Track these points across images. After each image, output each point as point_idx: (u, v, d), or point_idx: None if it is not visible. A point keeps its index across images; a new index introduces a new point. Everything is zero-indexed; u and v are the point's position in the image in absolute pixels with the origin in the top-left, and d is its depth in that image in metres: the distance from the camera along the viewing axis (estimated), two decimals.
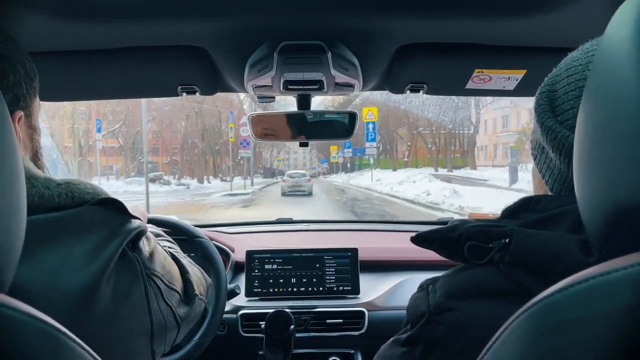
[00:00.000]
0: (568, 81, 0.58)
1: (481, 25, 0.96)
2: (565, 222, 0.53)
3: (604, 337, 0.32)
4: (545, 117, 0.58)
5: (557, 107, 0.58)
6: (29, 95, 0.68)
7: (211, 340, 1.28)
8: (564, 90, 0.58)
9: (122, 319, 0.62)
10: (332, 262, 1.62)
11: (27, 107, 0.68)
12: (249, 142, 24.07)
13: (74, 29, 0.93)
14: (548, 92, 0.60)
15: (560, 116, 0.57)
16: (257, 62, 1.01)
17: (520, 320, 0.39)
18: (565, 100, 0.57)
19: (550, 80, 0.61)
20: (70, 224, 0.60)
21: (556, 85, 0.60)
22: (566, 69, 0.59)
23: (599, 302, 0.33)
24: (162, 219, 1.36)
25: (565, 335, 0.34)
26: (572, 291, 0.35)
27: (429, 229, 0.64)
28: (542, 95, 0.61)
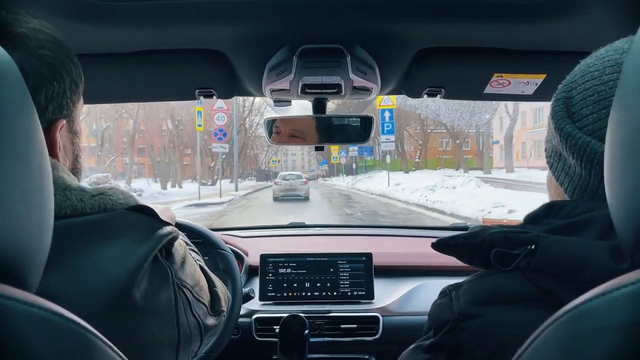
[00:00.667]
0: (585, 87, 0.57)
1: (500, 30, 0.96)
2: (592, 228, 0.52)
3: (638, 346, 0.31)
4: (563, 123, 0.58)
5: (574, 114, 0.57)
6: (72, 102, 0.66)
7: (225, 344, 1.28)
8: (581, 97, 0.57)
9: (149, 327, 0.60)
10: (347, 266, 1.62)
11: (70, 114, 0.67)
12: (226, 132, 18.72)
13: (94, 32, 0.93)
14: (564, 99, 0.59)
15: (579, 122, 0.57)
16: (276, 66, 1.01)
17: (554, 327, 0.38)
18: (583, 106, 0.56)
19: (566, 87, 0.61)
20: (101, 227, 0.59)
21: (572, 92, 0.59)
22: (582, 75, 0.59)
23: (636, 310, 0.32)
24: (189, 225, 1.37)
25: (604, 343, 0.33)
26: (610, 297, 0.34)
27: (446, 234, 0.63)
28: (558, 102, 0.60)
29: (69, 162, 0.69)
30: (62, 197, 0.59)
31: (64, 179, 0.61)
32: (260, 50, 1.00)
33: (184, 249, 0.73)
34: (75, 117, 0.69)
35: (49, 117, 0.62)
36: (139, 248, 0.60)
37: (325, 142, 1.33)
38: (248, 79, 1.14)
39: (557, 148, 0.61)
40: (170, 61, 1.06)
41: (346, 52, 0.96)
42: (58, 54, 0.63)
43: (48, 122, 0.63)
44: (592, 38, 0.99)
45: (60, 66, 0.63)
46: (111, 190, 0.65)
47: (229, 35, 0.96)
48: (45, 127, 0.62)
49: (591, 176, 0.56)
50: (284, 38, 0.96)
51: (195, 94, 1.20)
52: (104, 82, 1.14)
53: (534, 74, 1.09)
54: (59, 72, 0.63)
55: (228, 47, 1.01)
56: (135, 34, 0.95)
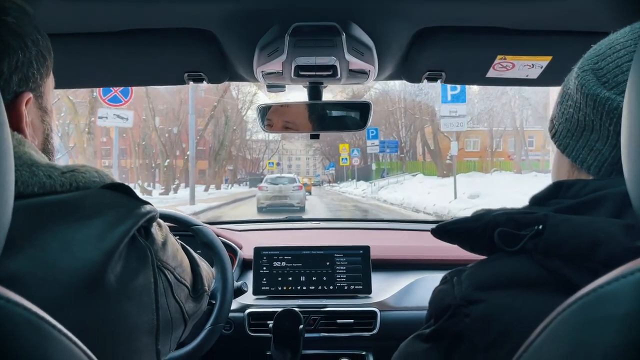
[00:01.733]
0: (618, 55, 0.54)
1: (503, 8, 0.91)
2: (603, 207, 0.49)
3: None
4: (598, 89, 0.54)
5: (608, 81, 0.54)
6: (40, 75, 0.63)
7: (213, 342, 1.23)
8: (614, 64, 0.54)
9: (125, 312, 0.56)
10: (343, 260, 1.57)
11: (37, 88, 0.63)
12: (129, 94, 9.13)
13: (74, 9, 0.89)
14: (592, 70, 0.56)
15: (615, 88, 0.53)
16: (267, 45, 0.95)
17: (567, 315, 0.34)
18: (618, 73, 0.53)
19: (591, 60, 0.57)
20: (73, 207, 0.55)
21: (600, 62, 0.56)
22: (609, 46, 0.56)
23: None
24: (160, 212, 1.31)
25: (624, 331, 0.29)
26: (631, 280, 0.31)
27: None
28: (585, 73, 0.57)
29: (39, 141, 0.65)
30: (28, 173, 0.54)
31: (31, 155, 0.57)
32: (251, 29, 0.95)
33: (165, 228, 0.69)
34: (44, 93, 0.65)
35: (14, 89, 0.59)
36: (115, 228, 0.55)
37: (320, 129, 1.28)
38: (239, 61, 1.09)
39: (582, 122, 0.57)
40: (155, 42, 1.01)
41: (341, 30, 0.90)
42: (23, 23, 0.60)
43: (13, 94, 0.59)
44: (600, 17, 0.94)
45: (25, 34, 0.59)
46: (84, 168, 0.60)
47: (216, 13, 0.91)
48: (10, 99, 0.59)
49: None
50: (275, 15, 0.91)
51: (184, 78, 1.15)
52: (83, 64, 1.09)
53: (540, 56, 1.04)
54: (24, 40, 0.59)
55: (216, 26, 0.96)
56: (116, 11, 0.90)
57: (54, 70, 1.09)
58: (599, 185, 0.51)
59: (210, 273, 0.92)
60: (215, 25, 0.96)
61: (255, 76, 1.12)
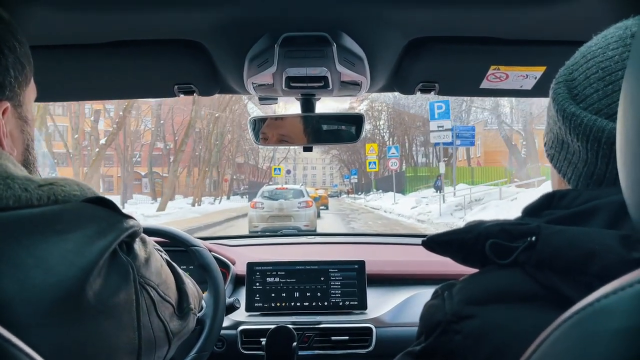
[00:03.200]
0: (587, 66, 0.54)
1: (496, 17, 0.90)
2: (598, 217, 0.48)
3: None
4: (566, 104, 0.54)
5: (577, 95, 0.54)
6: (18, 83, 0.61)
7: (208, 357, 1.20)
8: (584, 76, 0.54)
9: (105, 332, 0.54)
10: (338, 275, 1.54)
11: (15, 97, 0.61)
12: None
13: (62, 20, 0.87)
14: (565, 82, 0.56)
15: (583, 102, 0.53)
16: (257, 56, 0.94)
17: (563, 330, 0.33)
18: (587, 85, 0.53)
19: (566, 71, 0.57)
20: (50, 220, 0.52)
21: (574, 73, 0.56)
22: (582, 56, 0.56)
23: None
24: (156, 228, 1.29)
25: (623, 346, 0.28)
26: (630, 293, 0.29)
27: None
28: (559, 85, 0.57)
29: (19, 152, 0.63)
30: (3, 186, 0.52)
31: (7, 167, 0.55)
32: (240, 40, 0.94)
33: (149, 244, 0.66)
34: (24, 102, 0.63)
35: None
36: (94, 242, 0.53)
37: (313, 142, 1.27)
38: (229, 73, 1.07)
39: (559, 135, 0.57)
40: (145, 54, 1.00)
41: (332, 41, 0.89)
42: (1, 30, 0.58)
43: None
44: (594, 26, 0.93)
45: (1, 41, 0.58)
46: (64, 181, 0.58)
47: (205, 24, 0.90)
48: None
49: (598, 159, 0.52)
50: (264, 25, 0.90)
51: (174, 90, 1.13)
52: (71, 77, 1.08)
53: (533, 66, 1.03)
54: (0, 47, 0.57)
55: (205, 37, 0.95)
56: (104, 22, 0.89)
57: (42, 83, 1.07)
58: (593, 195, 0.50)
59: (197, 291, 0.90)
60: (204, 37, 0.95)
61: (246, 88, 1.10)
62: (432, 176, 25.13)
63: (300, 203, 12.59)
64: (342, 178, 53.89)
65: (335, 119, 1.27)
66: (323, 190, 30.73)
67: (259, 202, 12.76)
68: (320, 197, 20.55)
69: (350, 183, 47.78)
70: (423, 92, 1.16)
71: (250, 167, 45.77)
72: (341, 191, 51.98)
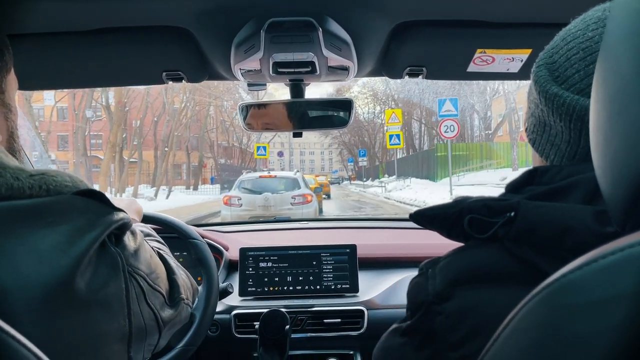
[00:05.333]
0: (568, 47, 0.55)
1: (483, 0, 0.90)
2: (576, 193, 0.49)
3: (632, 321, 0.27)
4: (548, 85, 0.55)
5: (559, 76, 0.55)
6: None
7: (199, 345, 1.21)
8: (564, 58, 0.55)
9: (95, 319, 0.55)
10: (330, 259, 1.56)
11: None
12: None
13: (48, 7, 0.87)
14: (546, 65, 0.57)
15: (565, 83, 0.54)
16: (243, 42, 0.94)
17: (533, 304, 0.34)
18: (568, 67, 0.54)
19: (547, 54, 0.59)
20: (41, 212, 0.54)
21: (554, 56, 0.57)
22: (562, 38, 0.57)
23: (626, 281, 0.28)
24: (157, 216, 1.30)
25: (586, 320, 0.29)
26: (594, 267, 0.30)
27: None
28: (540, 68, 0.58)
29: (4, 139, 0.64)
30: None
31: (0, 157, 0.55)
32: (226, 26, 0.94)
33: (139, 236, 0.68)
34: (6, 90, 0.64)
35: None
36: (84, 234, 0.55)
37: (303, 127, 1.27)
38: (217, 59, 1.07)
39: (541, 118, 0.58)
40: (132, 41, 1.00)
41: (317, 25, 0.90)
42: None
43: None
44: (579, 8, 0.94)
45: None
46: (55, 171, 0.59)
47: (191, 9, 0.90)
48: None
49: (581, 138, 0.53)
50: (250, 11, 0.90)
51: (162, 77, 1.13)
52: (58, 65, 1.08)
53: (519, 49, 1.04)
54: None
55: (192, 23, 0.95)
56: (90, 8, 0.89)
57: (30, 71, 1.07)
58: (573, 171, 0.52)
59: (190, 282, 0.91)
60: (190, 23, 0.95)
61: (234, 74, 1.11)
62: (471, 155, 19.27)
63: (295, 198, 9.14)
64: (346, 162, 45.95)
65: (325, 104, 1.28)
66: (324, 177, 26.20)
67: (234, 198, 9.39)
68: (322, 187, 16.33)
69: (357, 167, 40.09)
70: (411, 76, 1.17)
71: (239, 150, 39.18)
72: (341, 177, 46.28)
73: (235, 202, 9.30)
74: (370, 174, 34.62)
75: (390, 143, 17.81)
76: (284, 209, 9.02)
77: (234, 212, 9.16)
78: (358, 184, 32.09)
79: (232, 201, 9.35)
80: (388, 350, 0.61)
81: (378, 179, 29.15)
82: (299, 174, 10.35)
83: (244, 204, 9.25)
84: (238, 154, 39.12)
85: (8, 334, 0.37)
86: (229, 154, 39.23)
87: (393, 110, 18.88)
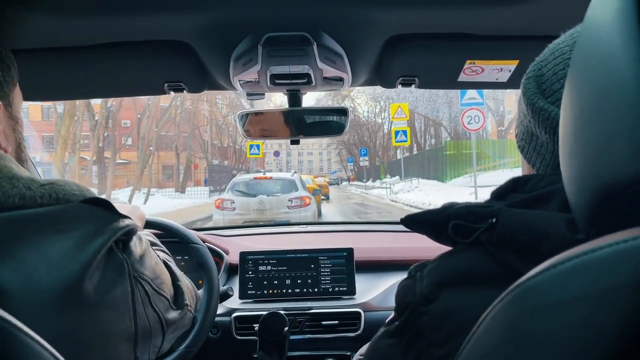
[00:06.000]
0: (555, 62, 0.57)
1: (471, 14, 0.94)
2: (554, 201, 0.52)
3: (587, 321, 0.30)
4: (535, 98, 0.58)
5: (546, 90, 0.58)
6: (6, 83, 0.65)
7: (200, 346, 1.25)
8: (552, 72, 0.57)
9: (103, 320, 0.59)
10: (327, 262, 1.59)
11: (5, 97, 0.66)
12: None
13: (54, 24, 0.91)
14: (535, 77, 0.60)
15: (551, 97, 0.57)
16: (242, 56, 0.98)
17: (501, 306, 0.37)
18: (554, 81, 0.57)
19: (536, 67, 0.61)
20: (52, 220, 0.57)
21: (542, 69, 0.59)
22: (551, 52, 0.59)
23: (582, 284, 0.31)
24: (158, 221, 1.34)
25: (547, 320, 0.32)
26: (554, 272, 0.33)
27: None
28: (529, 80, 0.60)
29: (12, 150, 0.68)
30: (8, 185, 0.57)
31: (12, 168, 0.60)
32: (225, 40, 0.98)
33: (145, 242, 0.71)
34: (13, 102, 0.68)
35: None
36: (92, 240, 0.58)
37: (300, 135, 1.31)
38: (216, 71, 1.11)
39: (529, 128, 0.61)
40: (135, 54, 1.04)
41: (312, 40, 0.94)
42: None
43: None
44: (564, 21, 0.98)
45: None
46: (63, 181, 0.63)
47: (192, 25, 0.94)
48: None
49: None
50: (247, 26, 0.94)
51: (164, 88, 1.17)
52: (63, 77, 1.12)
53: (507, 60, 1.08)
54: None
55: (192, 37, 0.99)
56: (95, 25, 0.93)
57: (37, 83, 1.11)
58: (552, 180, 0.54)
59: (194, 290, 0.95)
60: (191, 37, 0.98)
61: (234, 85, 1.15)
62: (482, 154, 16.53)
63: (292, 200, 8.75)
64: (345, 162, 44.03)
65: (321, 112, 1.32)
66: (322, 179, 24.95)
67: (227, 201, 8.91)
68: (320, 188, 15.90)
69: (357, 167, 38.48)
70: (404, 85, 1.21)
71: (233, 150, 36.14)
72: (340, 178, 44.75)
73: (228, 206, 8.88)
74: (370, 175, 33.21)
75: (397, 140, 16.69)
76: (280, 212, 8.51)
77: (226, 217, 8.74)
78: (359, 185, 30.90)
79: (225, 204, 8.93)
80: (377, 352, 0.63)
81: (380, 179, 27.86)
82: (296, 175, 9.98)
83: (237, 207, 8.81)
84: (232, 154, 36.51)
85: (22, 331, 0.40)
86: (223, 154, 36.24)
87: (399, 105, 17.71)
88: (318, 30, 0.95)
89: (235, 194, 9.05)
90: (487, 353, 0.38)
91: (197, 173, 28.95)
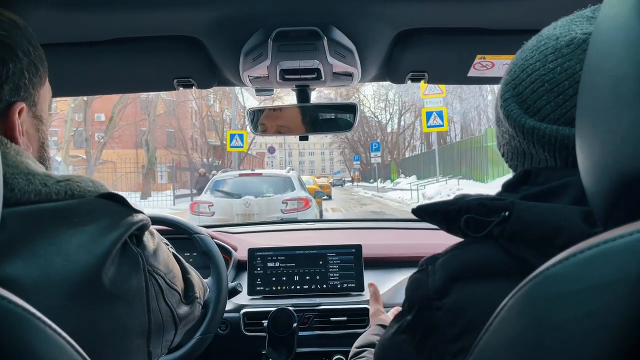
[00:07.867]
0: (531, 80, 0.56)
1: (481, 8, 0.94)
2: (567, 194, 0.51)
3: (606, 309, 0.30)
4: (523, 119, 0.57)
5: (529, 108, 0.57)
6: (32, 84, 0.65)
7: (212, 338, 1.26)
8: (530, 90, 0.56)
9: (118, 314, 0.59)
10: (336, 259, 1.59)
11: (29, 97, 0.65)
12: None
13: (64, 19, 0.91)
14: (513, 97, 0.59)
15: (538, 114, 0.56)
16: (252, 51, 0.98)
17: (519, 296, 0.37)
18: (536, 99, 0.56)
19: (509, 86, 0.60)
20: (68, 214, 0.58)
21: (518, 88, 0.58)
22: (522, 70, 0.58)
23: (601, 272, 0.31)
24: (159, 216, 1.34)
25: (566, 308, 0.32)
26: (573, 261, 0.33)
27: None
28: (507, 102, 0.59)
29: (34, 149, 0.68)
30: (24, 181, 0.57)
31: (28, 164, 0.60)
32: (235, 35, 0.98)
33: (157, 237, 0.72)
34: (38, 102, 0.68)
35: (6, 98, 0.62)
36: (108, 234, 0.58)
37: (309, 131, 1.31)
38: (226, 67, 1.12)
39: (519, 148, 0.60)
40: (145, 50, 1.04)
41: (322, 34, 0.93)
42: (13, 34, 0.62)
43: (5, 103, 0.62)
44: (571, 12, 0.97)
45: (16, 46, 0.62)
46: (79, 177, 0.63)
47: (202, 20, 0.94)
48: (2, 109, 0.61)
49: (568, 164, 0.54)
50: (257, 21, 0.94)
51: (173, 84, 1.18)
52: (75, 73, 1.12)
53: None
54: (14, 51, 0.62)
55: (202, 32, 0.99)
56: (106, 20, 0.93)
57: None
58: (566, 173, 0.53)
59: (201, 283, 0.95)
60: (200, 33, 0.99)
61: (243, 80, 1.15)
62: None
63: (288, 202, 7.26)
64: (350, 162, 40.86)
65: (330, 108, 1.32)
66: (325, 179, 24.06)
67: (204, 204, 7.34)
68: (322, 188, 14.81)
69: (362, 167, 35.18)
70: (413, 80, 1.20)
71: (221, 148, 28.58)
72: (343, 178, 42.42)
73: (206, 210, 7.23)
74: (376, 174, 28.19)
75: (428, 125, 13.07)
76: (272, 217, 6.77)
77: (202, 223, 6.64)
78: (366, 186, 27.56)
79: (201, 208, 7.29)
80: (388, 349, 0.63)
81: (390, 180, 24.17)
82: (293, 172, 8.50)
83: (217, 211, 7.16)
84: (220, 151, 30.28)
85: (45, 323, 0.40)
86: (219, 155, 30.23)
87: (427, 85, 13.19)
88: (328, 24, 0.95)
89: (215, 194, 7.51)
90: (504, 344, 0.38)
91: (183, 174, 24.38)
